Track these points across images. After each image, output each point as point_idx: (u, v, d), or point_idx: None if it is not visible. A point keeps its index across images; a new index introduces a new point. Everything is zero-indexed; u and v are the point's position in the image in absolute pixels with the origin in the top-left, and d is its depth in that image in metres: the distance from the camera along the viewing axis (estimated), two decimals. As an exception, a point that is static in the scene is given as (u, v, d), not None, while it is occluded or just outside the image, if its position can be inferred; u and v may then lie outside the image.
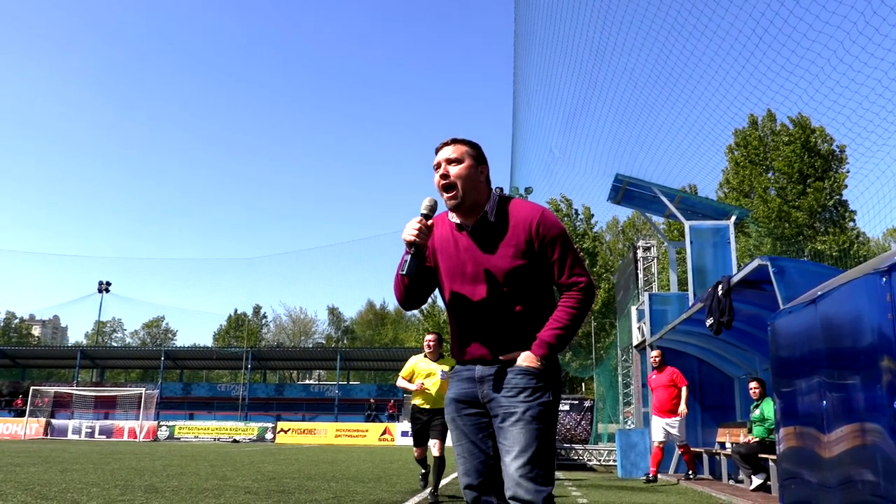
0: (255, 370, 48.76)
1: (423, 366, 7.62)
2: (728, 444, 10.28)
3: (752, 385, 9.63)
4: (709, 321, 8.46)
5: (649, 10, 13.31)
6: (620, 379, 19.47)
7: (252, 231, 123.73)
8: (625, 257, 22.23)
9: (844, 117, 11.16)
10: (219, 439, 33.17)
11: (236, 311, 71.02)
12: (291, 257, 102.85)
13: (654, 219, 18.32)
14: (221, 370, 62.64)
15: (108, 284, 54.32)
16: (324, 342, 72.12)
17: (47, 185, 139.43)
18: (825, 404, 4.95)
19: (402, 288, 2.60)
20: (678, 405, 10.50)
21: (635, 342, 15.16)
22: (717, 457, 11.35)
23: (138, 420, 33.92)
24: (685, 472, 10.74)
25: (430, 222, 2.51)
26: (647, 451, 11.88)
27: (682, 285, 17.78)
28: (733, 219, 13.81)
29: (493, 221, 2.49)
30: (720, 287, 8.23)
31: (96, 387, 43.06)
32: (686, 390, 10.64)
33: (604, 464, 15.67)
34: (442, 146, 2.57)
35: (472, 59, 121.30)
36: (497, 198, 2.55)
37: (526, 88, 24.55)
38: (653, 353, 11.02)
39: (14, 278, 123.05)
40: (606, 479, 12.07)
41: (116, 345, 69.91)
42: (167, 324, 76.78)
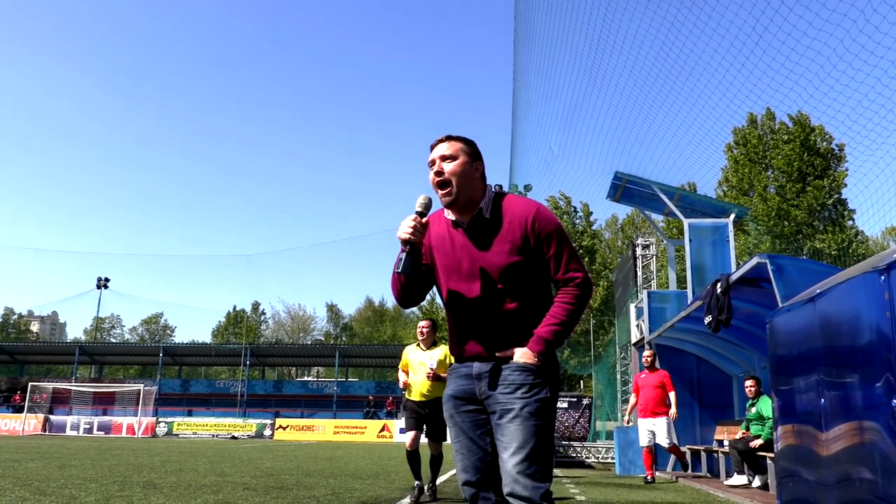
0: (254, 367, 48.79)
1: (415, 357, 7.33)
2: (726, 442, 10.28)
3: (749, 383, 9.57)
4: (707, 319, 8.46)
5: (649, 7, 13.30)
6: (619, 377, 19.49)
7: (251, 227, 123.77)
8: (624, 255, 22.24)
9: (844, 115, 11.15)
10: (217, 436, 33.17)
11: (235, 308, 70.98)
12: (290, 254, 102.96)
13: (654, 216, 18.31)
14: (220, 367, 62.75)
15: (107, 280, 54.41)
16: (322, 339, 72.11)
17: (46, 180, 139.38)
18: (823, 402, 4.96)
19: (399, 286, 2.60)
20: (664, 407, 10.28)
21: (634, 340, 15.18)
22: (715, 454, 11.37)
23: (137, 416, 33.93)
24: (681, 470, 10.71)
25: (424, 220, 2.50)
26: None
27: (681, 283, 17.79)
28: (732, 217, 13.82)
29: (488, 218, 2.49)
30: (719, 285, 8.23)
31: (95, 383, 43.07)
32: (675, 395, 10.52)
33: (602, 461, 15.71)
34: (436, 143, 2.56)
35: (473, 56, 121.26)
36: (493, 194, 2.54)
37: (526, 85, 24.53)
38: (646, 353, 10.91)
39: (13, 274, 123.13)
40: (604, 476, 12.09)
41: (115, 341, 69.79)
42: (166, 320, 76.77)
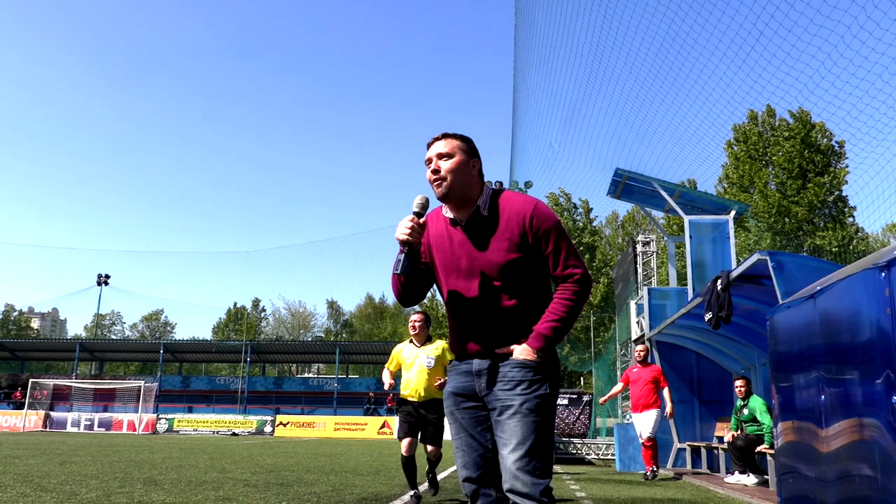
0: (254, 363, 48.82)
1: (408, 353, 6.76)
2: (726, 438, 10.26)
3: (738, 383, 9.42)
4: (708, 316, 8.45)
5: (650, 4, 13.28)
6: (619, 374, 19.50)
7: (252, 224, 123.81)
8: (624, 252, 22.23)
9: (844, 112, 11.14)
10: (218, 432, 33.19)
11: (235, 305, 71.01)
12: (291, 251, 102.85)
13: (654, 213, 18.30)
14: (220, 363, 62.76)
15: (107, 277, 54.35)
16: (323, 336, 72.18)
17: (46, 177, 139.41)
18: (823, 399, 4.96)
19: (399, 286, 2.61)
20: (655, 401, 10.21)
21: (634, 336, 15.18)
22: (715, 451, 11.38)
23: (137, 413, 33.96)
24: (644, 473, 10.33)
25: (422, 220, 2.51)
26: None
27: (682, 280, 17.81)
28: (733, 214, 13.81)
29: (486, 215, 2.49)
30: (719, 282, 8.23)
31: (95, 379, 43.10)
32: (668, 392, 10.49)
33: (602, 458, 15.73)
34: (433, 141, 2.56)
35: (473, 54, 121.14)
36: (490, 191, 2.54)
37: (526, 82, 24.49)
38: (638, 347, 10.86)
39: (13, 271, 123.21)
40: (605, 472, 12.10)
41: (115, 337, 69.87)
42: (166, 317, 76.79)
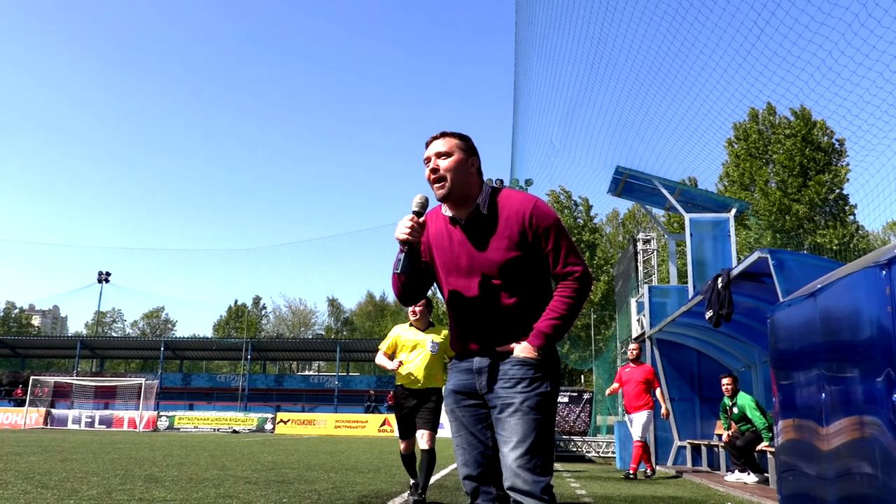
0: (255, 361, 48.84)
1: (407, 336, 6.22)
2: (721, 438, 10.26)
3: (725, 381, 9.35)
4: (708, 314, 8.46)
5: (650, 2, 13.26)
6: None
7: (252, 222, 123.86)
8: (624, 249, 22.22)
9: (845, 110, 11.14)
10: (218, 430, 33.23)
11: (236, 302, 71.10)
12: (292, 248, 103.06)
13: (654, 211, 18.29)
14: (221, 361, 62.79)
15: (108, 275, 54.41)
16: (323, 333, 72.20)
17: (47, 174, 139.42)
18: (824, 397, 4.96)
19: (400, 285, 2.61)
20: (646, 402, 10.18)
21: (635, 335, 15.17)
22: (715, 449, 11.39)
23: (138, 410, 33.99)
24: (626, 471, 10.26)
25: (421, 220, 2.51)
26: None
27: (682, 278, 17.81)
28: (733, 212, 13.80)
29: (485, 214, 2.49)
30: (720, 280, 8.23)
31: (96, 377, 43.09)
32: (660, 392, 10.48)
33: (602, 455, 15.74)
34: (432, 140, 2.56)
35: (474, 52, 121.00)
36: (489, 190, 2.54)
37: (527, 80, 24.48)
38: (631, 346, 10.84)
39: (14, 268, 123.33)
40: (605, 470, 12.11)
41: (116, 335, 69.94)
42: (167, 314, 76.88)
